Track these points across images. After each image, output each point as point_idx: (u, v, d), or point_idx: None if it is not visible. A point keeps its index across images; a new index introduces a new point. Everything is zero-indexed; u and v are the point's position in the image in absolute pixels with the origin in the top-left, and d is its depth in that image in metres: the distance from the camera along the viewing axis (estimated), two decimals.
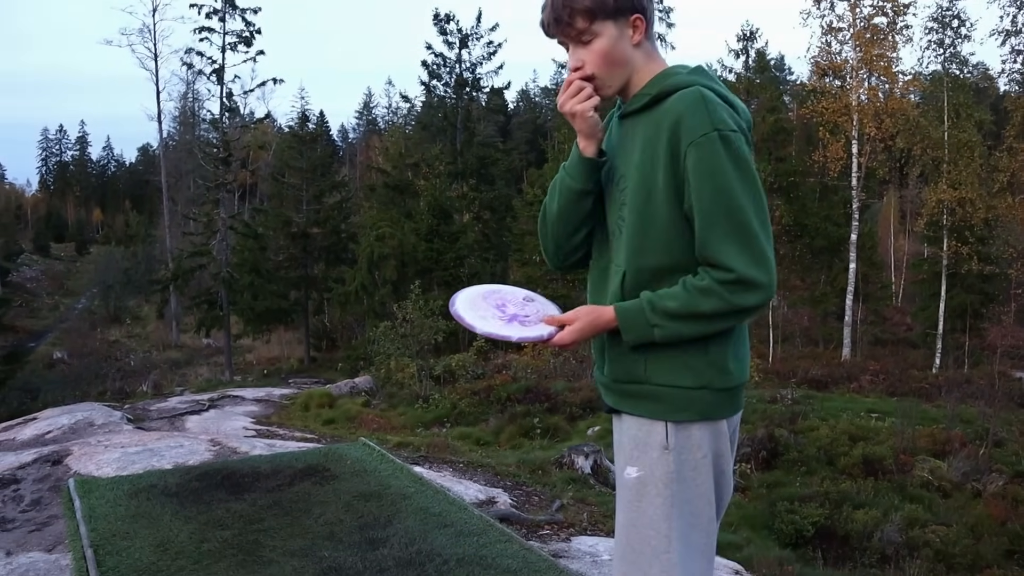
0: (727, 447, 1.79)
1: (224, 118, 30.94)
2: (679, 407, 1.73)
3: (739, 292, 1.65)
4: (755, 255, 1.65)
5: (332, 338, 33.26)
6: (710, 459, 1.75)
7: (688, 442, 1.73)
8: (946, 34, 26.81)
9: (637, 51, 1.80)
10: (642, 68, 1.80)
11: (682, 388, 1.73)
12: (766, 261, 1.65)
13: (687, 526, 1.74)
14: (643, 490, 1.75)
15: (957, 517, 9.37)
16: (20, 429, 7.85)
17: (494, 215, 33.22)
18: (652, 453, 1.74)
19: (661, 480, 1.73)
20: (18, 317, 40.53)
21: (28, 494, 5.01)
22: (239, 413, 10.48)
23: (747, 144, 1.70)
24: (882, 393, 17.82)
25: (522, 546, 3.81)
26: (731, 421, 1.81)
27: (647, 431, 1.76)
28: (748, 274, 1.64)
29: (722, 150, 1.64)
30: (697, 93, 1.68)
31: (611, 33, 1.77)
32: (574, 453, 7.41)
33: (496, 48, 34.24)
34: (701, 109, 1.65)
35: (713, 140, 1.64)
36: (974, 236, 24.51)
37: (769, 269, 1.65)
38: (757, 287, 1.64)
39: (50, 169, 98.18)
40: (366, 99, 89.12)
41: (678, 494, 1.73)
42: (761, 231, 1.66)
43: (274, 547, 3.74)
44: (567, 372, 16.77)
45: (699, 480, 1.75)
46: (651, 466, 1.74)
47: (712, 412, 1.74)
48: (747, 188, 1.66)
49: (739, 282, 1.64)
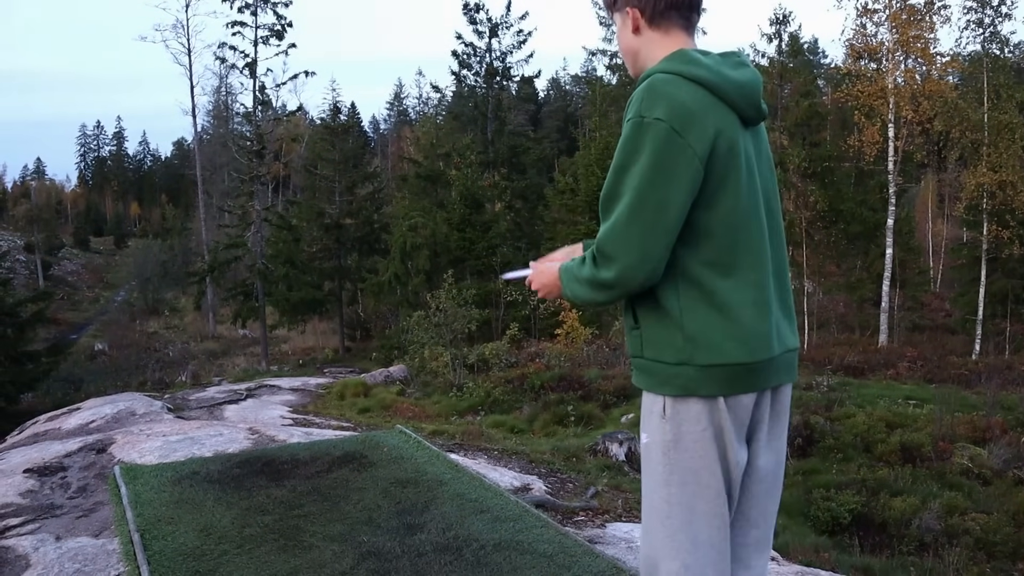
0: (729, 425, 1.82)
1: (257, 111, 31.18)
2: (663, 381, 1.85)
3: (598, 265, 1.79)
4: (621, 234, 1.75)
5: (366, 328, 33.48)
6: (711, 433, 1.82)
7: (686, 414, 1.83)
8: (986, 13, 26.23)
9: (638, 39, 1.96)
10: (647, 56, 1.95)
11: (664, 363, 1.84)
12: (630, 243, 1.74)
13: (690, 494, 1.84)
14: (649, 455, 1.90)
15: (998, 505, 9.23)
16: (65, 419, 8.02)
17: (526, 204, 33.17)
18: (654, 421, 1.87)
19: (660, 447, 1.86)
20: (60, 310, 41.33)
21: (75, 481, 5.14)
22: (276, 402, 10.61)
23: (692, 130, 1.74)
24: (920, 380, 17.56)
25: (558, 531, 3.84)
26: (737, 400, 1.83)
27: (651, 401, 1.89)
28: (606, 249, 1.77)
29: (635, 133, 1.77)
30: (644, 85, 1.82)
31: (618, 23, 2.01)
32: (608, 440, 7.43)
33: (526, 37, 34.17)
34: (638, 98, 1.79)
35: (632, 124, 1.78)
36: (1015, 220, 23.96)
37: (631, 251, 1.74)
38: (612, 263, 1.76)
39: (88, 164, 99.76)
40: (397, 90, 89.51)
41: (676, 462, 1.84)
42: (641, 215, 1.73)
43: (314, 532, 3.81)
44: (600, 360, 16.74)
45: (701, 452, 1.83)
46: (653, 432, 1.88)
47: (697, 388, 1.81)
48: (644, 170, 1.74)
49: (599, 253, 1.79)
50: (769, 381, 1.88)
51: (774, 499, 2.03)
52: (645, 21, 1.92)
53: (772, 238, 1.90)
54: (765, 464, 1.95)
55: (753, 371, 1.83)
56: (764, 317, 1.84)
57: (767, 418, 1.92)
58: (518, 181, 32.92)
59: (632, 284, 1.77)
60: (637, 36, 1.95)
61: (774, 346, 1.87)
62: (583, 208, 27.67)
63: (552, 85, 79.76)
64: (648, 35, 1.94)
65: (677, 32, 1.92)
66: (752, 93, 1.87)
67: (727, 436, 1.83)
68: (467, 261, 26.70)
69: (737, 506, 1.94)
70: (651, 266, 1.75)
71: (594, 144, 28.47)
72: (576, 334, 19.39)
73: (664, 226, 1.73)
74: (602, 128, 29.51)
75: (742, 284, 1.82)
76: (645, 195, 1.72)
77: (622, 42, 2.00)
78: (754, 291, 1.83)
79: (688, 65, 1.81)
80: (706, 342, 1.79)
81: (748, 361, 1.81)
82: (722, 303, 1.79)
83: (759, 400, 1.88)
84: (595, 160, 27.46)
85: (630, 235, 1.73)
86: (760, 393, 1.87)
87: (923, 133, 26.11)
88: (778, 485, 2.02)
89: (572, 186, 28.56)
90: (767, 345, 1.85)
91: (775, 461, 1.98)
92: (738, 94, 1.83)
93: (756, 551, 2.01)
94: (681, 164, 1.73)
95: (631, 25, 1.95)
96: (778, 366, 1.90)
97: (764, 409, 1.91)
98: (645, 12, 1.92)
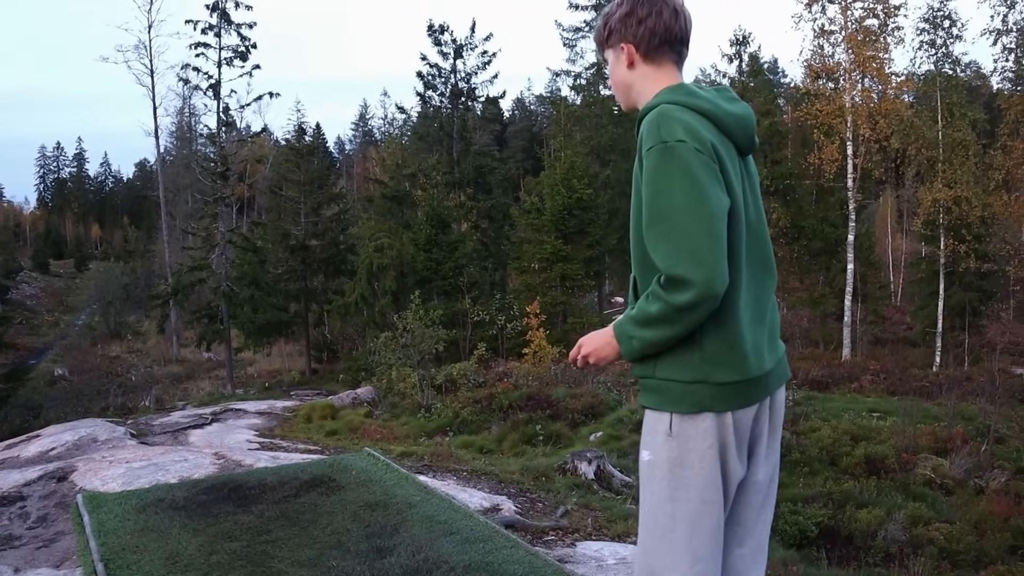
0: (732, 440, 1.89)
1: (221, 132, 30.94)
2: (677, 399, 1.87)
3: (673, 292, 1.76)
4: (686, 253, 1.75)
5: (333, 350, 33.22)
6: (716, 449, 1.88)
7: (692, 431, 1.87)
8: (938, 34, 26.88)
9: (632, 73, 2.04)
10: (643, 90, 2.03)
11: (680, 382, 1.87)
12: (697, 257, 1.74)
13: (694, 510, 1.88)
14: (651, 473, 1.93)
15: (960, 514, 9.37)
16: (24, 446, 7.88)
17: (492, 224, 33.23)
18: (658, 439, 1.91)
19: (665, 464, 1.89)
20: (18, 335, 40.53)
21: (34, 511, 5.04)
22: (242, 426, 10.51)
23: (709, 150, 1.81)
24: (883, 392, 17.82)
25: (528, 552, 3.84)
26: (740, 415, 1.91)
27: (656, 419, 1.92)
28: (677, 272, 1.75)
29: (663, 158, 1.80)
30: (655, 113, 1.87)
31: (611, 59, 2.09)
32: (577, 459, 7.44)
33: (491, 58, 34.29)
34: (654, 126, 1.84)
35: (656, 151, 1.81)
36: (971, 234, 24.50)
37: (702, 265, 1.73)
38: (688, 284, 1.74)
39: (48, 186, 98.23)
40: (362, 110, 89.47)
41: (681, 479, 1.88)
42: (699, 228, 1.75)
43: (283, 558, 3.77)
44: (568, 379, 16.77)
45: (704, 468, 1.88)
46: (657, 450, 1.91)
47: (712, 405, 1.87)
48: (685, 189, 1.77)
49: (671, 282, 1.77)
50: (768, 391, 1.98)
51: (769, 509, 2.10)
52: (640, 56, 2.02)
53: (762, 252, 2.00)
54: (763, 476, 2.04)
55: (757, 385, 1.92)
56: (762, 332, 1.96)
57: (766, 432, 2.02)
58: (484, 201, 32.98)
59: (713, 298, 1.76)
60: (631, 71, 2.04)
61: (768, 359, 1.97)
62: (549, 227, 27.78)
63: (517, 105, 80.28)
64: (642, 70, 2.03)
65: (669, 66, 2.02)
66: (748, 125, 1.99)
67: (730, 451, 1.90)
68: (434, 281, 26.65)
69: (735, 517, 2.02)
70: (724, 274, 1.76)
71: (559, 163, 28.63)
72: (544, 353, 19.44)
73: (719, 233, 1.77)
74: (567, 148, 29.67)
75: (746, 301, 1.90)
76: (694, 209, 1.76)
77: (615, 77, 2.08)
78: (753, 306, 1.93)
79: (690, 97, 1.91)
80: (722, 360, 1.86)
81: (755, 376, 1.91)
82: (734, 320, 1.87)
83: (759, 412, 1.97)
84: (560, 179, 27.62)
85: (695, 250, 1.74)
86: (760, 404, 1.96)
87: (881, 151, 26.61)
88: (773, 495, 2.09)
89: (538, 205, 28.66)
90: (766, 359, 1.96)
91: (771, 472, 2.07)
92: (736, 125, 1.94)
93: (753, 560, 2.07)
94: (712, 176, 1.80)
95: (625, 60, 2.03)
96: (774, 376, 2.01)
97: (763, 421, 2.00)
98: (640, 48, 2.01)
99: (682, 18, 2.00)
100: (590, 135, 34.37)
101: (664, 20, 1.97)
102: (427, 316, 16.43)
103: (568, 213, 27.50)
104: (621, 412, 13.01)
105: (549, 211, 27.69)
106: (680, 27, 1.99)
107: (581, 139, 33.61)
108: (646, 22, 1.97)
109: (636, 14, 1.99)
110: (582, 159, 30.12)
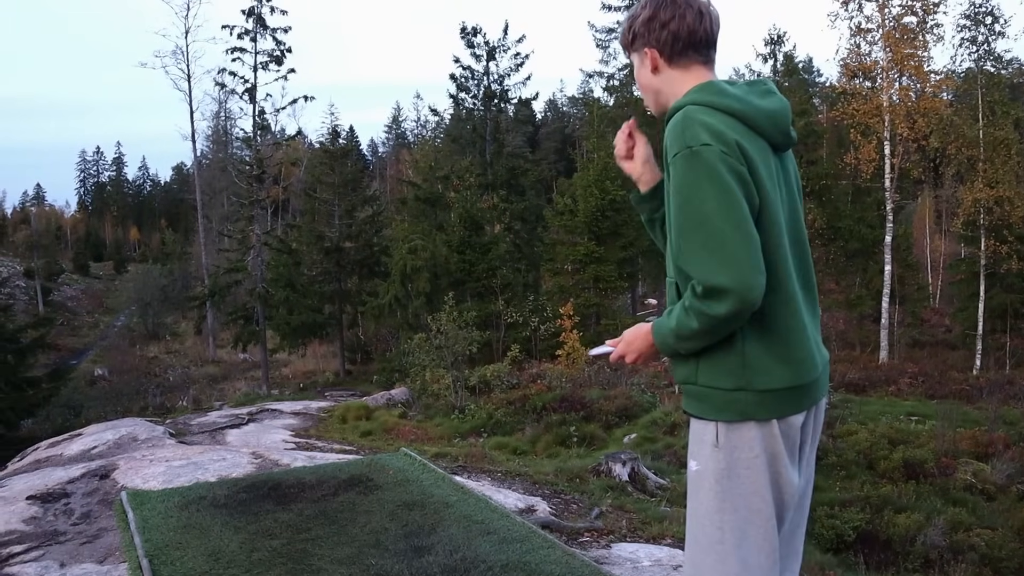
0: (782, 448, 1.85)
1: (256, 136, 31.34)
2: (720, 407, 1.84)
3: (711, 303, 1.71)
4: (721, 261, 1.70)
5: (367, 351, 33.43)
6: (764, 459, 1.84)
7: (738, 441, 1.83)
8: (979, 31, 26.46)
9: (658, 77, 1.99)
10: (668, 93, 1.98)
11: (722, 389, 1.83)
12: (733, 265, 1.69)
13: (742, 520, 1.84)
14: (700, 483, 1.89)
15: (1002, 520, 9.21)
16: (67, 445, 8.02)
17: (525, 225, 33.25)
18: (706, 449, 1.87)
19: (712, 475, 1.85)
20: (60, 335, 41.25)
21: (78, 508, 5.14)
22: (278, 426, 10.61)
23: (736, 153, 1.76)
24: (921, 396, 17.54)
25: (565, 552, 3.85)
26: (788, 422, 1.87)
27: (702, 428, 1.88)
28: (713, 282, 1.70)
29: (688, 164, 1.75)
30: (679, 116, 1.83)
31: (636, 63, 2.04)
32: (611, 461, 7.42)
33: (523, 60, 34.39)
34: (678, 131, 1.80)
35: (682, 158, 1.76)
36: (1013, 235, 24.06)
37: (738, 273, 1.69)
38: (725, 292, 1.69)
39: (88, 190, 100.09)
40: (395, 113, 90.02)
41: (729, 489, 1.84)
42: (732, 236, 1.70)
43: (322, 555, 3.82)
44: (602, 380, 16.73)
45: (753, 478, 1.84)
46: (705, 461, 1.87)
47: (755, 412, 1.82)
48: (714, 195, 1.72)
49: (708, 293, 1.72)
50: (815, 398, 1.94)
51: (804, 512, 2.07)
52: (664, 60, 1.96)
53: (801, 255, 1.95)
54: (804, 480, 2.00)
55: (805, 391, 1.88)
56: (806, 337, 1.89)
57: (811, 436, 1.99)
58: (517, 203, 33.02)
59: (751, 306, 1.73)
60: (656, 75, 1.99)
61: (817, 363, 1.93)
62: (582, 229, 27.73)
63: (549, 107, 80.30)
64: (668, 74, 1.97)
65: (697, 68, 1.96)
66: (782, 120, 1.91)
67: (780, 460, 1.86)
68: (467, 283, 26.72)
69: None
70: (761, 281, 1.72)
71: (592, 165, 28.57)
72: (577, 355, 19.39)
73: (753, 238, 1.73)
74: (599, 149, 29.61)
75: (789, 305, 1.86)
76: (726, 215, 1.71)
77: (641, 81, 2.03)
78: (797, 311, 1.87)
79: (716, 96, 1.85)
80: (764, 366, 1.82)
81: (801, 383, 1.86)
82: (776, 326, 1.83)
83: (806, 418, 1.93)
84: (593, 181, 27.55)
85: (730, 258, 1.70)
86: (807, 411, 1.92)
87: (919, 150, 26.24)
88: (808, 497, 2.06)
89: (571, 207, 28.64)
90: (814, 364, 1.91)
91: (808, 476, 2.04)
92: (768, 122, 1.87)
93: (787, 566, 2.05)
94: (740, 181, 1.75)
95: (649, 65, 1.98)
96: (821, 382, 1.96)
97: (809, 426, 1.96)
98: (663, 52, 1.95)
99: (707, 19, 1.93)
100: None
101: (688, 23, 1.91)
102: (460, 317, 16.47)
103: (601, 214, 27.44)
104: (655, 414, 12.95)
105: (582, 212, 27.64)
106: (705, 29, 1.93)
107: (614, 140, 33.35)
108: (669, 26, 1.92)
109: (659, 18, 1.93)
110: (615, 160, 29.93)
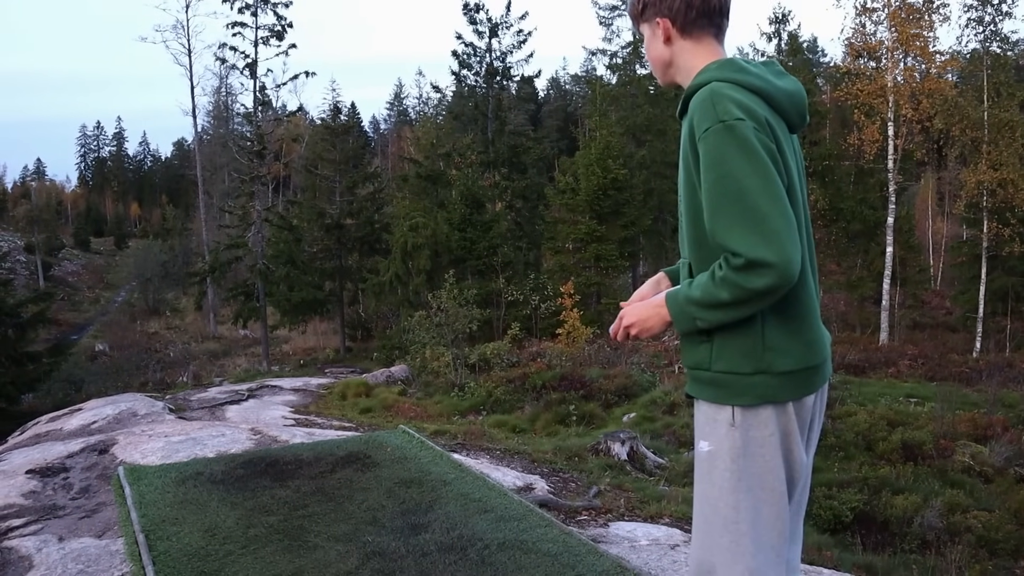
0: (795, 427, 1.85)
1: (257, 111, 31.15)
2: (739, 392, 1.81)
3: (751, 276, 1.68)
4: (763, 235, 1.66)
5: (367, 328, 33.46)
6: (778, 437, 1.83)
7: (755, 420, 1.82)
8: (986, 11, 26.22)
9: (669, 48, 1.94)
10: (683, 64, 1.94)
11: (740, 374, 1.81)
12: (775, 240, 1.66)
13: (757, 499, 1.84)
14: (713, 463, 1.86)
15: (999, 502, 9.24)
16: (67, 419, 8.04)
17: (526, 203, 33.16)
18: (720, 429, 1.84)
19: (728, 454, 1.83)
20: (60, 310, 41.30)
21: (77, 482, 5.14)
22: (277, 403, 10.62)
23: (766, 129, 1.74)
24: (921, 378, 17.57)
25: (562, 531, 3.84)
26: (802, 403, 1.86)
27: (716, 410, 1.85)
28: (755, 255, 1.66)
29: (723, 139, 1.71)
30: (706, 92, 1.78)
31: (646, 34, 1.99)
32: (610, 440, 7.44)
33: (526, 37, 34.10)
34: (707, 106, 1.75)
35: (714, 132, 1.71)
36: (1015, 217, 23.98)
37: (780, 247, 1.65)
38: (768, 267, 1.66)
39: (88, 165, 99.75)
40: (397, 90, 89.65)
41: (745, 468, 1.83)
42: (772, 210, 1.67)
43: (319, 532, 3.82)
44: (602, 359, 16.75)
45: (767, 456, 1.83)
46: (719, 441, 1.85)
47: (775, 395, 1.81)
48: (753, 169, 1.69)
49: (749, 266, 1.67)
50: (826, 377, 1.94)
51: (806, 491, 2.06)
52: (676, 31, 1.92)
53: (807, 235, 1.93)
54: (808, 459, 1.99)
55: (818, 371, 1.88)
56: (818, 317, 1.90)
57: (818, 415, 1.98)
58: (518, 181, 32.90)
59: (790, 281, 1.69)
60: (668, 46, 1.94)
61: (827, 343, 1.93)
62: (583, 208, 27.67)
63: (552, 85, 79.84)
64: (680, 44, 1.93)
65: (708, 40, 1.92)
66: (799, 101, 1.89)
67: (793, 439, 1.85)
68: (468, 261, 26.70)
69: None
70: (799, 255, 1.69)
71: (594, 143, 28.46)
72: (577, 333, 19.41)
73: (791, 213, 1.70)
74: (602, 127, 29.48)
75: (806, 286, 1.84)
76: (766, 189, 1.68)
77: (652, 52, 1.98)
78: (811, 292, 1.86)
79: (740, 73, 1.82)
80: (784, 349, 1.80)
81: (816, 363, 1.87)
82: (795, 306, 1.81)
83: (816, 398, 1.92)
84: (595, 159, 27.45)
85: (773, 232, 1.66)
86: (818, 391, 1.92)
87: (923, 131, 26.09)
88: (809, 479, 2.04)
89: (572, 185, 28.55)
90: (824, 344, 1.91)
91: (811, 454, 2.03)
92: (788, 102, 1.85)
93: (790, 542, 2.02)
94: (772, 157, 1.72)
95: (662, 35, 1.93)
96: (829, 362, 1.96)
97: (817, 406, 1.95)
98: (676, 22, 1.91)
99: None
100: (626, 115, 34.07)
101: None
102: (461, 295, 16.47)
103: (603, 193, 27.37)
104: (655, 393, 12.97)
105: (584, 191, 27.56)
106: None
107: (617, 119, 33.31)
108: None
109: None
110: (617, 139, 29.91)
